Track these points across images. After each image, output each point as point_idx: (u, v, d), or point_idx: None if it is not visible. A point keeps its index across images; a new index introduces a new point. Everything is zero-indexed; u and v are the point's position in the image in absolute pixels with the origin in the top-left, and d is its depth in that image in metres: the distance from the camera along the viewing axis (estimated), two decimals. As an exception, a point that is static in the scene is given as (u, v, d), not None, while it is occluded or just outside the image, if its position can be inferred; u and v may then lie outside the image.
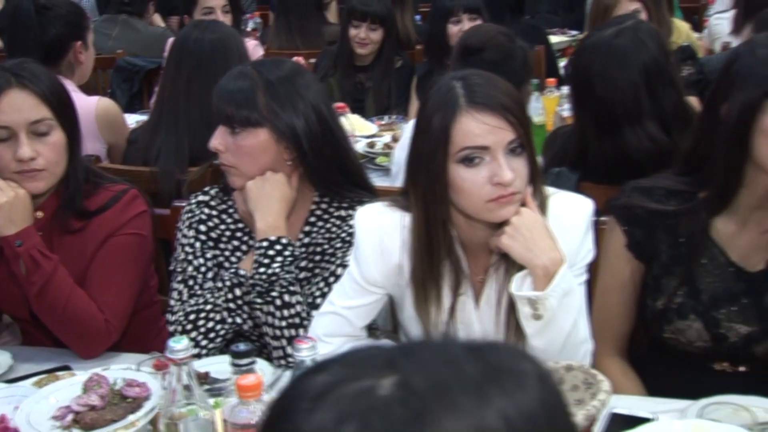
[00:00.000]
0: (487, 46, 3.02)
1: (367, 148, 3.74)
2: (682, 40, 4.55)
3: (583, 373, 1.83)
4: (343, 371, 0.77)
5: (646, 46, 2.77)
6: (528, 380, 0.77)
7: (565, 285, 1.88)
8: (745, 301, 2.03)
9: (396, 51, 4.46)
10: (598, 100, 2.67)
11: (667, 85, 2.73)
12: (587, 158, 2.75)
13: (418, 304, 2.03)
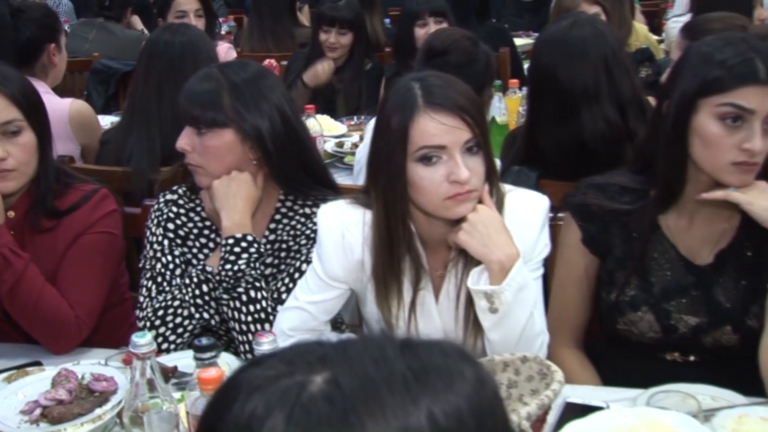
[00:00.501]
0: (451, 49, 3.02)
1: (335, 148, 3.74)
2: (641, 42, 4.58)
3: (538, 364, 1.84)
4: (279, 366, 0.77)
5: (604, 36, 2.82)
6: (459, 380, 0.77)
7: (520, 279, 1.89)
8: (695, 294, 2.05)
9: (366, 54, 4.45)
10: (557, 86, 2.70)
11: (623, 74, 2.77)
12: (539, 151, 2.76)
13: (379, 299, 2.03)
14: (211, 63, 2.79)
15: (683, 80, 1.95)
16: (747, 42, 1.92)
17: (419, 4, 4.29)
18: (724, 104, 1.88)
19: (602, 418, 1.72)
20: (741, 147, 1.88)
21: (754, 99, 1.86)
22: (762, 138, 1.86)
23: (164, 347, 2.19)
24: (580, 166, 2.67)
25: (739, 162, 1.89)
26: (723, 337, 2.03)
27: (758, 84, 1.86)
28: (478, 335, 1.99)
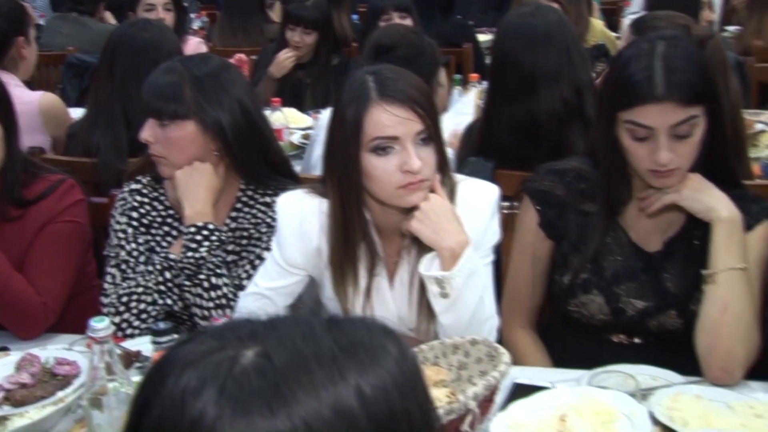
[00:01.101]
0: (398, 44, 3.05)
1: (302, 140, 3.74)
2: (597, 38, 4.60)
3: (486, 347, 1.85)
4: (211, 341, 0.78)
5: (566, 24, 2.86)
6: (383, 354, 0.78)
7: (470, 265, 1.90)
8: (643, 279, 2.07)
9: (332, 50, 4.44)
10: (519, 69, 2.74)
11: (583, 61, 2.81)
12: (494, 138, 2.79)
13: (336, 285, 2.04)
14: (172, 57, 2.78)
15: (607, 92, 2.00)
16: (653, 54, 1.91)
17: (385, 1, 4.29)
18: (627, 121, 1.92)
19: (546, 397, 1.74)
20: (650, 157, 1.91)
21: (651, 117, 1.88)
22: (668, 149, 1.88)
23: (128, 332, 2.19)
24: (531, 147, 2.72)
25: (653, 170, 1.93)
26: (668, 320, 2.05)
27: (655, 102, 1.87)
28: (431, 319, 2.00)
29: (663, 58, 1.89)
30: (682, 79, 1.87)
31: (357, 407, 0.74)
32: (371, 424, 0.74)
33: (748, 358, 1.91)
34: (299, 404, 0.72)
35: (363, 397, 0.74)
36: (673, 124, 1.87)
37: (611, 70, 2.00)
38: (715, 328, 1.91)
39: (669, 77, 1.86)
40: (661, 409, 1.72)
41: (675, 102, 1.86)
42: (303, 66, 4.44)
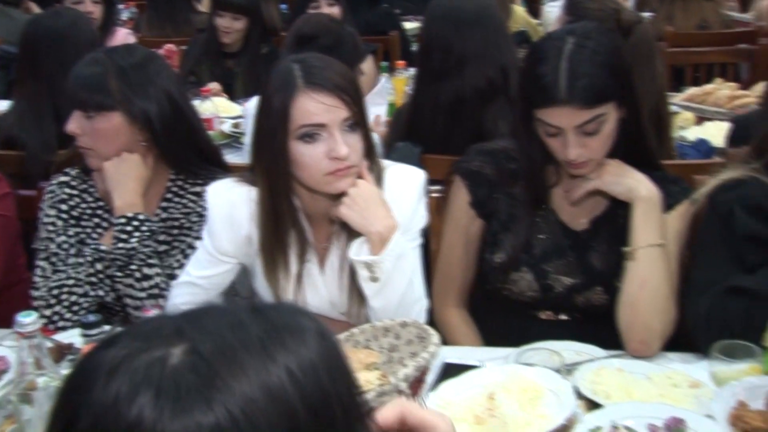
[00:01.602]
0: (319, 33, 3.03)
1: (232, 129, 3.68)
2: (519, 25, 4.63)
3: (416, 329, 1.84)
4: (134, 343, 0.75)
5: (492, 7, 2.88)
6: (307, 335, 0.78)
7: (398, 249, 1.89)
8: (571, 256, 2.08)
9: (262, 38, 4.38)
10: (448, 52, 2.74)
11: (509, 43, 2.83)
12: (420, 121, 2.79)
13: (267, 272, 2.01)
14: (93, 46, 2.71)
15: (520, 89, 2.04)
16: (561, 55, 1.90)
17: None
18: (538, 119, 1.95)
19: (475, 376, 1.74)
20: (564, 152, 1.93)
21: (558, 118, 1.90)
22: (577, 145, 1.91)
23: (60, 325, 2.13)
24: (455, 125, 2.73)
25: (568, 163, 1.96)
26: (594, 296, 2.07)
27: (559, 105, 1.88)
28: (362, 303, 1.99)
29: (569, 61, 1.89)
30: (585, 84, 1.88)
31: (289, 388, 0.73)
32: (304, 405, 0.74)
33: (665, 330, 1.94)
34: (233, 394, 0.71)
35: (294, 378, 0.74)
36: (578, 124, 1.90)
37: (526, 65, 2.00)
38: (635, 303, 1.93)
39: (572, 82, 1.87)
40: (585, 383, 1.73)
41: (577, 106, 1.88)
42: (233, 55, 4.37)
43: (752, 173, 1.95)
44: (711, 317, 1.86)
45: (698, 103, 3.60)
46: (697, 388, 1.73)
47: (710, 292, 1.89)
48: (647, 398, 1.69)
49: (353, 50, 3.04)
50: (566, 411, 1.57)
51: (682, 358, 1.93)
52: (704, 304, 1.89)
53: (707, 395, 1.68)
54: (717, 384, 1.70)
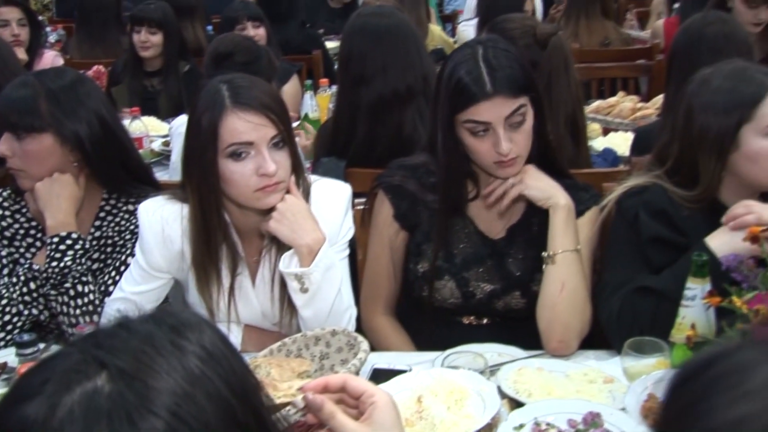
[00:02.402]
0: (235, 50, 3.04)
1: (162, 147, 3.61)
2: (436, 43, 4.66)
3: (346, 336, 1.84)
4: (53, 388, 0.74)
5: (408, 22, 2.89)
6: (203, 326, 0.83)
7: (327, 261, 1.88)
8: (490, 263, 2.10)
9: (181, 56, 4.32)
10: (367, 58, 2.75)
11: (427, 56, 2.85)
12: (348, 140, 2.79)
13: (200, 286, 1.98)
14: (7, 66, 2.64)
15: (439, 98, 2.00)
16: (476, 58, 1.95)
17: (237, 10, 4.23)
18: (466, 121, 1.95)
19: (404, 380, 1.73)
20: (495, 151, 1.94)
21: (486, 113, 1.92)
22: (507, 140, 1.93)
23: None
24: (376, 130, 2.74)
25: (498, 161, 1.96)
26: (512, 301, 2.08)
27: (486, 99, 1.91)
28: (293, 314, 1.97)
29: (484, 60, 1.94)
30: (506, 74, 1.92)
31: (207, 370, 0.79)
32: (222, 381, 0.79)
33: (582, 330, 1.97)
34: (166, 394, 0.75)
35: (207, 360, 0.79)
36: (507, 115, 1.92)
37: (443, 75, 2.01)
38: (554, 304, 1.95)
39: (493, 75, 1.91)
40: (507, 383, 1.74)
41: (503, 95, 1.91)
42: (155, 73, 4.30)
43: (655, 180, 2.00)
44: (621, 316, 1.90)
45: (604, 115, 3.67)
46: (611, 383, 1.76)
47: (620, 292, 1.93)
48: (566, 395, 1.71)
49: (268, 67, 3.04)
50: (491, 410, 1.58)
51: (597, 355, 1.96)
52: (615, 304, 1.92)
53: (621, 390, 1.71)
54: (629, 379, 1.73)
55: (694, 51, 2.68)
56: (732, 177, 1.92)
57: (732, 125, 1.87)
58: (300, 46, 4.88)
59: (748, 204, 1.84)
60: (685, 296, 1.69)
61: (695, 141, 1.92)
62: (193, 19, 4.87)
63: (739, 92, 1.88)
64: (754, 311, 1.35)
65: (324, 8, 6.01)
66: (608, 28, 4.86)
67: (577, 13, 4.83)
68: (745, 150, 1.87)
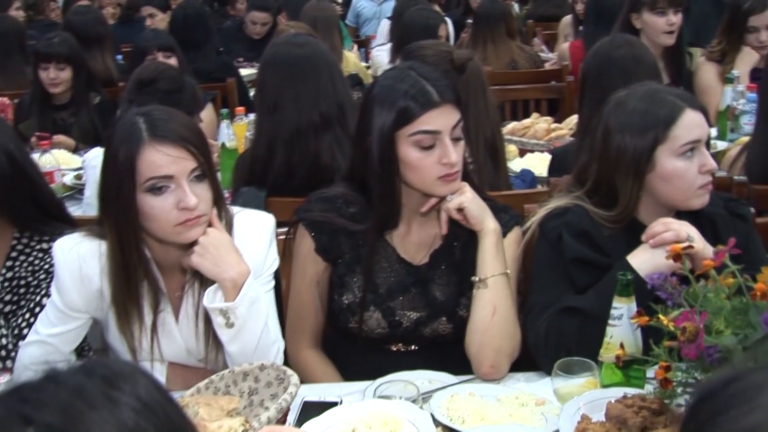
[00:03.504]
0: (159, 77, 2.99)
1: (75, 180, 3.50)
2: (351, 69, 4.67)
3: (275, 371, 1.80)
4: None
5: (324, 50, 2.87)
6: (137, 376, 0.81)
7: (252, 294, 1.84)
8: (414, 291, 2.08)
9: (90, 87, 4.21)
10: (283, 86, 2.72)
11: (343, 81, 2.84)
12: (267, 170, 2.75)
13: (121, 324, 1.91)
14: None
15: (376, 119, 1.97)
16: (415, 71, 1.97)
17: (147, 40, 4.16)
18: (414, 133, 1.93)
19: (337, 413, 1.70)
20: (441, 163, 1.93)
21: (435, 121, 1.92)
22: (454, 150, 1.93)
23: None
24: (294, 158, 2.70)
25: (443, 175, 1.95)
26: (439, 327, 2.07)
27: (435, 107, 1.91)
28: (219, 349, 1.92)
29: (421, 75, 1.96)
30: (447, 84, 1.96)
31: (142, 422, 0.77)
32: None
33: (513, 353, 1.97)
34: None
35: (142, 412, 0.78)
36: (453, 125, 1.93)
37: (374, 99, 1.99)
38: (486, 329, 1.95)
39: (436, 85, 1.93)
40: (440, 410, 1.72)
41: (450, 104, 1.93)
42: (64, 106, 4.17)
43: (576, 201, 2.02)
44: (548, 337, 1.91)
45: (519, 136, 3.72)
46: (542, 405, 1.76)
47: (546, 314, 1.94)
48: (499, 419, 1.70)
49: (193, 98, 2.98)
50: (426, 440, 1.56)
51: (527, 377, 1.96)
52: (542, 325, 1.93)
53: (553, 411, 1.71)
54: (560, 400, 1.74)
55: (605, 74, 2.74)
56: (649, 196, 1.96)
57: (647, 146, 1.91)
58: (214, 74, 4.82)
59: (666, 221, 1.88)
60: (612, 315, 1.71)
61: (612, 162, 1.95)
62: (102, 49, 4.76)
63: (653, 114, 1.92)
64: (681, 329, 1.37)
65: (243, 38, 5.96)
66: (514, 50, 4.94)
67: (484, 36, 4.91)
68: (659, 170, 1.91)
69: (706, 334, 1.40)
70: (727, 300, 1.45)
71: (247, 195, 2.73)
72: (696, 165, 1.91)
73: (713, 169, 1.93)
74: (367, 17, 7.32)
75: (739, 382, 0.82)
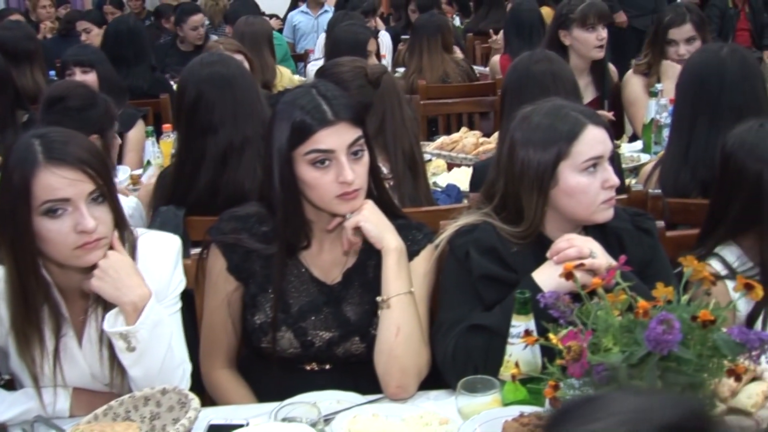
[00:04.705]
0: (68, 95, 2.96)
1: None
2: (285, 83, 4.65)
3: (177, 395, 1.78)
4: None
5: (246, 70, 2.84)
6: None
7: (154, 317, 1.81)
8: (327, 311, 2.05)
9: (18, 105, 4.12)
10: (213, 103, 2.68)
11: (263, 103, 2.81)
12: (188, 189, 2.71)
13: (21, 351, 1.87)
14: None
15: (275, 137, 1.96)
16: (316, 89, 1.96)
17: (68, 55, 4.13)
18: (309, 152, 1.91)
19: (238, 436, 1.67)
20: (338, 181, 1.92)
21: (329, 139, 1.90)
22: (351, 168, 1.91)
23: None
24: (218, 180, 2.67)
25: (341, 194, 1.93)
26: (352, 347, 2.05)
27: (329, 125, 1.90)
28: (124, 373, 1.88)
29: (320, 93, 1.94)
30: (344, 103, 1.94)
31: None
32: None
33: (420, 372, 1.96)
34: None
35: None
36: (349, 143, 1.91)
37: (275, 117, 1.97)
38: (391, 349, 1.93)
39: (332, 104, 1.92)
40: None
41: (346, 122, 1.91)
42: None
43: (484, 217, 2.02)
44: (456, 355, 1.90)
45: (448, 151, 3.73)
46: (446, 424, 1.74)
47: (455, 331, 1.93)
48: (401, 440, 1.68)
49: (104, 115, 2.93)
50: (323, 463, 1.54)
51: (436, 395, 1.95)
52: (450, 343, 1.92)
53: (455, 431, 1.70)
54: (464, 418, 1.72)
55: (523, 88, 2.76)
56: (554, 212, 1.97)
57: (550, 161, 1.91)
58: (148, 91, 4.77)
59: (569, 238, 1.89)
60: (511, 334, 1.71)
61: (517, 177, 1.96)
62: (32, 65, 4.67)
63: (557, 129, 1.93)
64: (567, 348, 1.37)
65: (173, 52, 5.91)
66: (447, 63, 4.96)
67: (420, 47, 4.92)
68: (563, 185, 1.92)
69: (594, 352, 1.41)
70: (618, 317, 1.46)
71: (166, 214, 2.69)
72: (599, 180, 1.93)
73: (615, 184, 1.95)
74: (304, 31, 7.31)
75: (593, 401, 0.88)
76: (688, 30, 3.95)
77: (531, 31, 4.29)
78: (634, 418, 0.84)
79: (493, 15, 6.91)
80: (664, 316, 1.31)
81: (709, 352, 1.38)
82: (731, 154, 2.13)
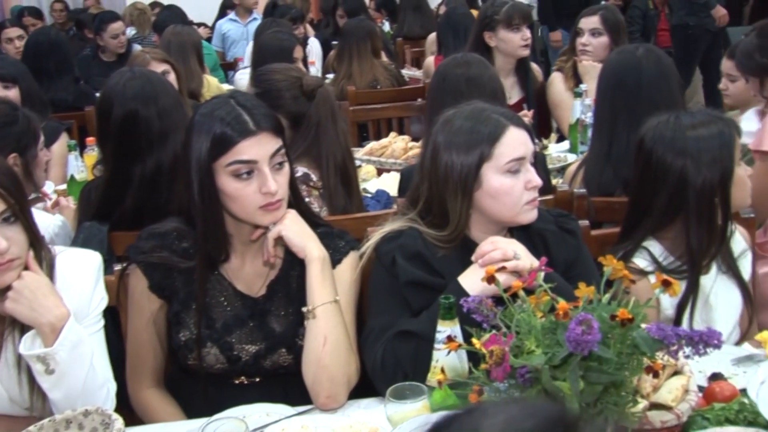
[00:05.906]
0: None
1: None
2: (213, 92, 4.59)
3: (100, 416, 1.73)
4: None
5: (166, 84, 2.79)
6: None
7: (73, 337, 1.75)
8: (252, 324, 2.02)
9: None
10: (149, 122, 2.63)
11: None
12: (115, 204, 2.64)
13: None
14: None
15: (192, 150, 1.91)
16: (235, 99, 1.94)
17: None
18: (231, 163, 1.88)
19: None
20: (261, 192, 1.89)
21: (251, 150, 1.87)
22: (274, 179, 1.89)
23: None
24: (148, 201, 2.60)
25: (264, 204, 1.90)
26: (280, 358, 2.02)
27: (251, 135, 1.87)
28: (45, 397, 1.82)
29: (239, 104, 1.91)
30: (264, 113, 1.91)
31: None
32: None
33: (350, 381, 1.94)
34: None
35: None
36: (271, 153, 1.89)
37: (193, 130, 1.93)
38: (319, 359, 1.90)
39: (253, 114, 1.89)
40: (269, 446, 1.67)
41: (267, 132, 1.89)
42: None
43: (410, 223, 2.01)
44: (385, 362, 1.88)
45: (377, 156, 3.72)
46: (375, 433, 1.73)
47: (383, 338, 1.91)
48: (329, 452, 1.66)
49: (26, 132, 2.83)
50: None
51: (366, 404, 1.93)
52: (378, 350, 1.90)
53: (384, 439, 1.69)
54: (393, 426, 1.71)
55: (441, 92, 2.76)
56: (479, 214, 1.97)
57: (473, 164, 1.91)
58: (72, 104, 4.66)
59: (494, 240, 1.89)
60: (436, 339, 1.70)
61: (441, 180, 1.95)
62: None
63: (478, 132, 1.93)
64: (489, 352, 1.36)
65: (96, 62, 5.78)
66: (376, 68, 4.96)
67: (350, 53, 4.91)
68: (486, 187, 1.92)
69: (517, 354, 1.40)
70: (542, 319, 1.46)
71: (90, 230, 2.62)
72: (522, 181, 1.93)
73: (539, 185, 1.95)
74: (234, 39, 7.24)
75: (473, 411, 0.86)
76: (594, 21, 4.02)
77: (466, 33, 4.33)
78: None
79: (419, 20, 6.95)
80: (583, 317, 1.31)
81: (628, 350, 1.38)
82: (652, 149, 2.15)
